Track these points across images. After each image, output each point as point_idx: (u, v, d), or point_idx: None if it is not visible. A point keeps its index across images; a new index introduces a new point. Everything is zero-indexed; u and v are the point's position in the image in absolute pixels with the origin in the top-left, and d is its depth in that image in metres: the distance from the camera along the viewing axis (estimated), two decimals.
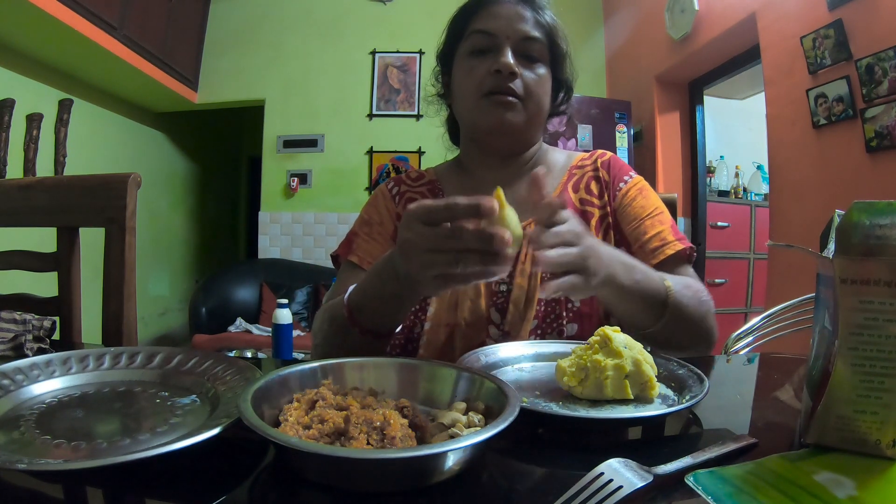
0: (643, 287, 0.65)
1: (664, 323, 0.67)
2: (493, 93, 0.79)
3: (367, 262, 0.84)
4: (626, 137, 3.42)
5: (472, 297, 0.80)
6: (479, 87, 0.80)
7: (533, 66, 0.81)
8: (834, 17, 2.15)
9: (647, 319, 0.67)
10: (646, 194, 0.86)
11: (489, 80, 0.79)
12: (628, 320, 0.70)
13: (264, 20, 4.06)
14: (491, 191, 0.50)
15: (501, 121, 0.80)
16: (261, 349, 2.81)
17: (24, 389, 0.51)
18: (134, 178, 0.98)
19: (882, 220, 0.38)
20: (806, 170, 2.39)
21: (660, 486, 0.36)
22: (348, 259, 0.86)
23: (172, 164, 4.81)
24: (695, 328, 0.71)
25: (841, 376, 0.40)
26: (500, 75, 0.78)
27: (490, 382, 0.47)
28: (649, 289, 0.66)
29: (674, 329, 0.68)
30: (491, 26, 0.81)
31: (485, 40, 0.81)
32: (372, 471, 0.36)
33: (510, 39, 0.80)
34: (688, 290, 0.71)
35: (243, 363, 0.55)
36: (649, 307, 0.67)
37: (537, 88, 0.81)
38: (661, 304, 0.67)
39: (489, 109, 0.80)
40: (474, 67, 0.81)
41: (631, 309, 0.68)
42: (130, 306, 0.96)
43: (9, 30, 2.64)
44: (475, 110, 0.82)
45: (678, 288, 0.69)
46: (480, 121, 0.82)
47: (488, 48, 0.81)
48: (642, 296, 0.66)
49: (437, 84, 0.93)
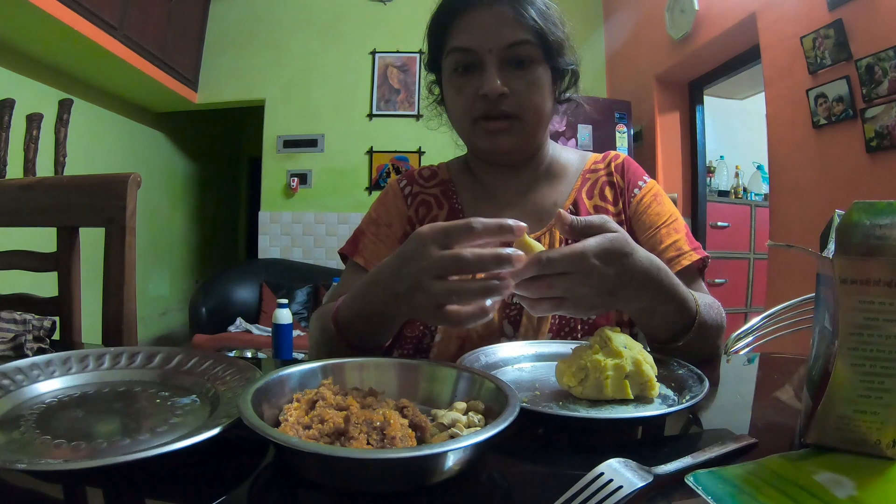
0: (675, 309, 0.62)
1: (686, 341, 0.64)
2: (485, 117, 0.76)
3: (371, 264, 0.83)
4: (626, 137, 3.42)
5: None
6: (469, 112, 0.77)
7: (524, 72, 0.76)
8: (834, 17, 2.15)
9: (673, 336, 0.64)
10: (660, 200, 0.84)
11: (478, 105, 0.76)
12: (651, 335, 0.67)
13: (264, 20, 4.06)
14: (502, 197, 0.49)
15: (497, 147, 0.78)
16: (261, 349, 2.81)
17: (24, 389, 0.51)
18: (134, 178, 0.98)
19: (882, 220, 0.38)
20: (806, 170, 2.39)
21: (660, 486, 0.36)
22: (354, 260, 0.85)
23: (172, 164, 4.81)
24: (709, 346, 0.69)
25: (841, 376, 0.40)
26: (487, 99, 0.74)
27: (490, 382, 0.47)
28: (681, 310, 0.62)
29: (692, 346, 0.65)
30: (469, 42, 0.75)
31: (466, 57, 0.76)
32: (372, 471, 0.36)
33: (492, 52, 0.74)
34: (711, 311, 0.68)
35: (243, 363, 0.55)
36: (677, 326, 0.64)
37: (532, 97, 0.76)
38: (688, 323, 0.64)
39: (483, 137, 0.78)
40: (461, 88, 0.77)
41: (659, 326, 0.64)
42: (130, 306, 0.96)
43: (9, 30, 2.64)
44: (470, 133, 0.80)
45: (704, 307, 0.66)
46: (477, 144, 0.80)
47: (472, 64, 0.76)
48: (670, 314, 0.62)
49: (430, 96, 0.90)
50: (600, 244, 0.53)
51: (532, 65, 0.76)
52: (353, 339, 0.62)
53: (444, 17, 0.79)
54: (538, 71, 0.77)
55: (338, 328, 0.63)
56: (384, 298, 0.56)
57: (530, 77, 0.76)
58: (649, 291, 0.57)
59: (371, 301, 0.59)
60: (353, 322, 0.62)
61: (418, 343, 0.79)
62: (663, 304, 0.60)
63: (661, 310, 0.61)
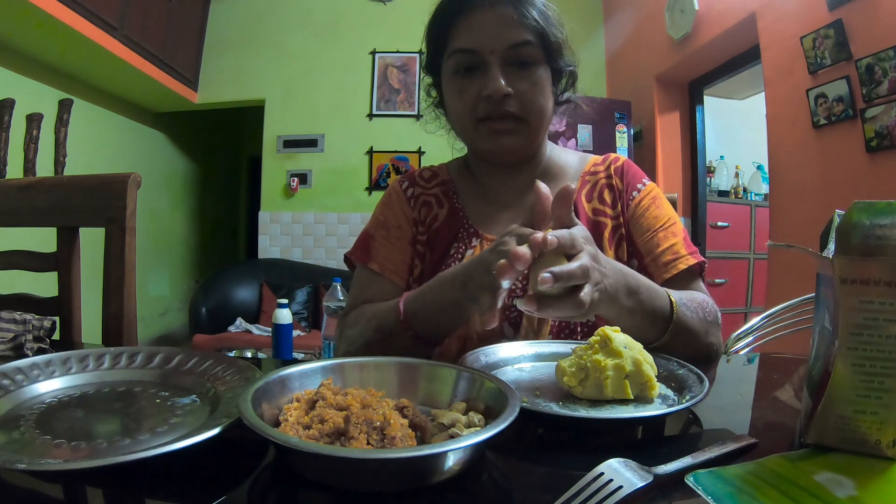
0: (646, 306, 0.63)
1: (668, 338, 0.65)
2: (489, 118, 0.76)
3: (388, 270, 0.82)
4: (626, 137, 3.43)
5: None
6: (472, 112, 0.77)
7: (527, 73, 0.76)
8: (834, 17, 2.15)
9: (652, 334, 0.65)
10: (659, 203, 0.84)
11: (482, 106, 0.75)
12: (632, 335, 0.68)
13: (264, 20, 4.06)
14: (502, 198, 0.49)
15: (501, 147, 0.78)
16: (261, 349, 2.81)
17: (24, 389, 0.51)
18: (134, 178, 0.98)
19: (882, 220, 0.38)
20: (806, 170, 2.39)
21: (660, 486, 0.36)
22: (368, 266, 0.83)
23: (172, 164, 4.81)
24: (697, 342, 0.69)
25: (841, 376, 0.40)
26: (491, 99, 0.74)
27: (490, 382, 0.47)
28: (654, 306, 0.64)
29: (677, 343, 0.66)
30: (472, 43, 0.75)
31: (468, 58, 0.76)
32: (372, 471, 0.36)
33: (495, 53, 0.74)
34: (692, 303, 0.69)
35: (243, 363, 0.55)
36: (653, 323, 0.65)
37: (536, 98, 0.76)
38: (666, 319, 0.65)
39: (487, 137, 0.78)
40: (463, 89, 0.77)
41: (635, 325, 0.65)
42: (130, 306, 0.96)
43: (9, 30, 2.64)
44: (472, 134, 0.79)
45: (683, 302, 0.67)
46: (480, 145, 0.80)
47: (474, 65, 0.76)
48: (645, 313, 0.63)
49: (428, 98, 0.89)
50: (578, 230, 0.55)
51: (534, 66, 0.76)
52: (420, 328, 0.67)
53: (444, 19, 0.79)
54: (540, 72, 0.77)
55: (405, 318, 0.67)
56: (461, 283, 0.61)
57: (533, 78, 0.76)
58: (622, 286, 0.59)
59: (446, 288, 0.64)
60: (425, 309, 0.66)
61: None
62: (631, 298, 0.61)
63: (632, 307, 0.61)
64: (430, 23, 0.81)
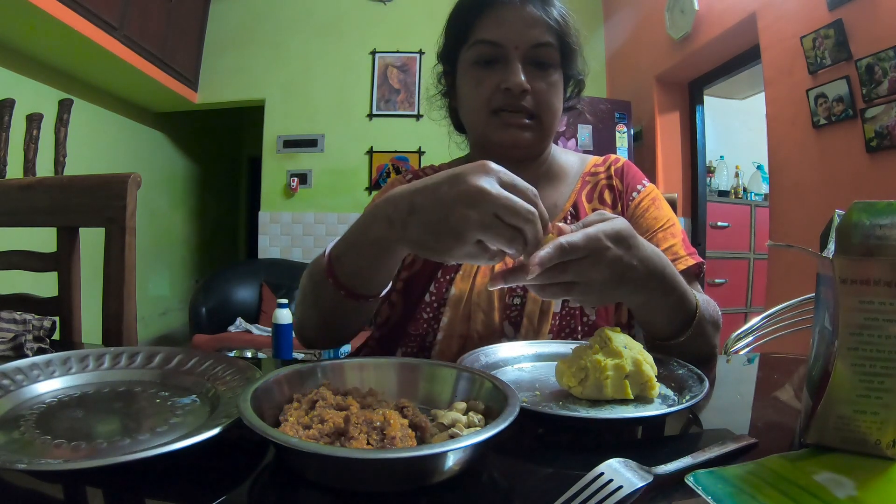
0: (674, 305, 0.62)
1: (685, 339, 0.65)
2: (504, 110, 0.76)
3: None
4: (626, 137, 3.42)
5: (485, 310, 0.78)
6: (488, 103, 0.77)
7: (545, 74, 0.77)
8: (834, 17, 2.15)
9: (674, 332, 0.65)
10: (658, 205, 0.84)
11: (499, 97, 0.76)
12: (653, 331, 0.67)
13: (264, 20, 4.06)
14: None
15: (514, 140, 0.78)
16: (261, 349, 2.81)
17: (24, 389, 0.51)
18: (134, 178, 0.98)
19: (882, 220, 0.38)
20: (806, 170, 2.39)
21: (660, 486, 0.36)
22: None
23: (172, 164, 4.81)
24: (708, 343, 0.69)
25: (841, 376, 0.40)
26: (510, 93, 0.75)
27: (490, 382, 0.47)
28: (682, 307, 0.63)
29: (693, 342, 0.65)
30: (497, 36, 0.76)
31: (491, 51, 0.76)
32: (372, 471, 0.36)
33: (519, 49, 0.75)
34: (709, 307, 0.69)
35: (243, 363, 0.55)
36: (678, 321, 0.64)
37: (551, 99, 0.78)
38: (689, 319, 0.64)
39: (500, 128, 0.78)
40: (481, 80, 0.77)
41: (660, 321, 0.65)
42: (130, 306, 0.96)
43: (9, 30, 2.64)
44: (485, 126, 0.79)
45: (703, 304, 0.66)
46: (492, 136, 0.80)
47: (495, 58, 0.76)
48: (672, 310, 0.63)
49: (439, 85, 0.89)
50: (612, 227, 0.54)
51: (551, 68, 0.78)
52: (343, 275, 0.60)
53: (471, 9, 0.79)
54: (556, 75, 0.79)
55: (329, 261, 0.60)
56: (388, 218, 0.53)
57: (550, 79, 0.78)
58: (654, 279, 0.58)
59: (369, 222, 0.56)
60: (348, 250, 0.59)
61: (422, 341, 0.80)
62: (665, 296, 0.61)
63: (663, 302, 0.61)
64: (455, 11, 0.82)
